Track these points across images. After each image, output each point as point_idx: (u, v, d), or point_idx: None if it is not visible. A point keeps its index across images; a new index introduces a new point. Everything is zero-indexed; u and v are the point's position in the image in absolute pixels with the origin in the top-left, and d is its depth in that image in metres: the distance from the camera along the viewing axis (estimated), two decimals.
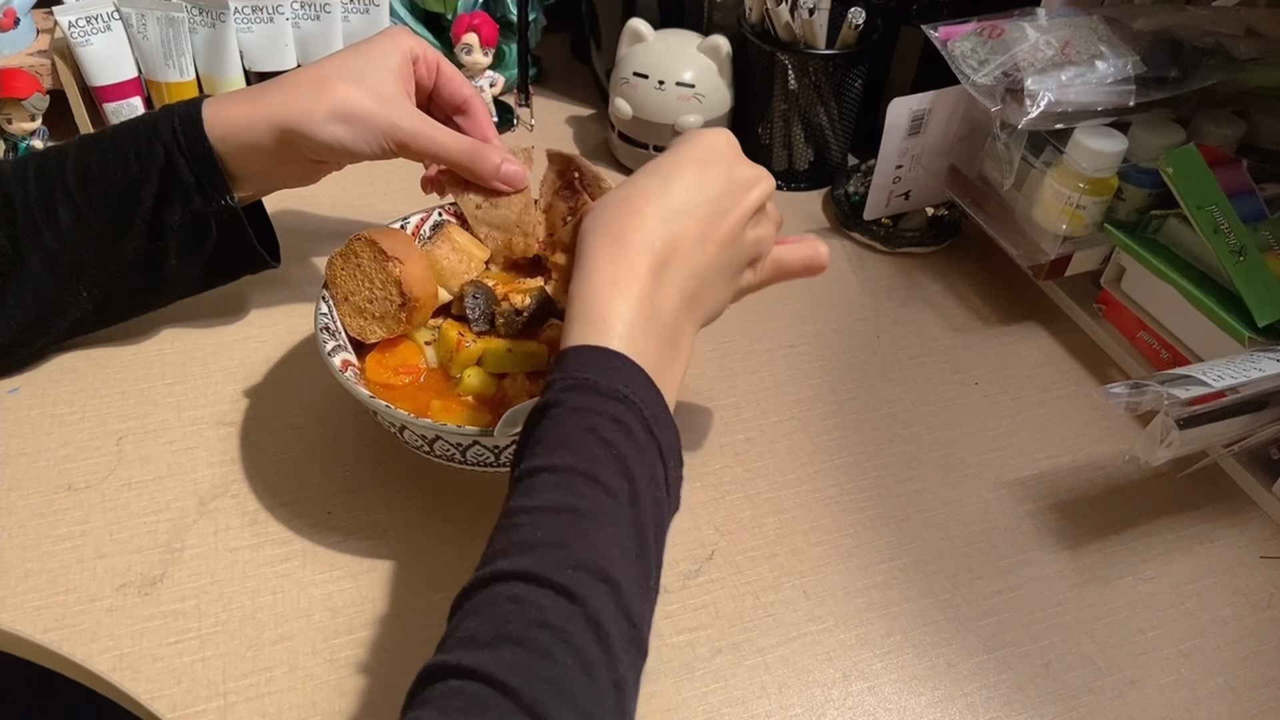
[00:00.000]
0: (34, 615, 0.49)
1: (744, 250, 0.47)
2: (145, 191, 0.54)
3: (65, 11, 0.75)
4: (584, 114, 0.91)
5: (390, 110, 0.54)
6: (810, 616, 0.51)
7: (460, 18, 0.80)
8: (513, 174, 0.57)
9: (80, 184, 0.54)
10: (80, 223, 0.54)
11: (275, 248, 0.63)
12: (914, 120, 0.72)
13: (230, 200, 0.55)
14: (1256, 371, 0.52)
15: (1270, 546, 0.56)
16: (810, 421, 0.62)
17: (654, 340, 0.42)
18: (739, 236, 0.46)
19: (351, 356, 0.54)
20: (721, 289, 0.47)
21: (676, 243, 0.43)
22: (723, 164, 0.46)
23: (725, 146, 0.47)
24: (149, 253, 0.56)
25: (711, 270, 0.45)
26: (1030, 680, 0.49)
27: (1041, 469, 0.60)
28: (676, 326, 0.44)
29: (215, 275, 0.61)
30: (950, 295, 0.73)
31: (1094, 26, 0.66)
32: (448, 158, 0.56)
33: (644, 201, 0.44)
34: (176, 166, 0.53)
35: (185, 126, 0.53)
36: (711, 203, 0.45)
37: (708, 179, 0.45)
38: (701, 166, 0.45)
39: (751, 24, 0.78)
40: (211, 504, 0.54)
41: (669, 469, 0.41)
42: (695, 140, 0.47)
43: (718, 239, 0.45)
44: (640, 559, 0.37)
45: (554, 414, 0.39)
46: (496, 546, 0.37)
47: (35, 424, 0.58)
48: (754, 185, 0.47)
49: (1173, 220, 0.64)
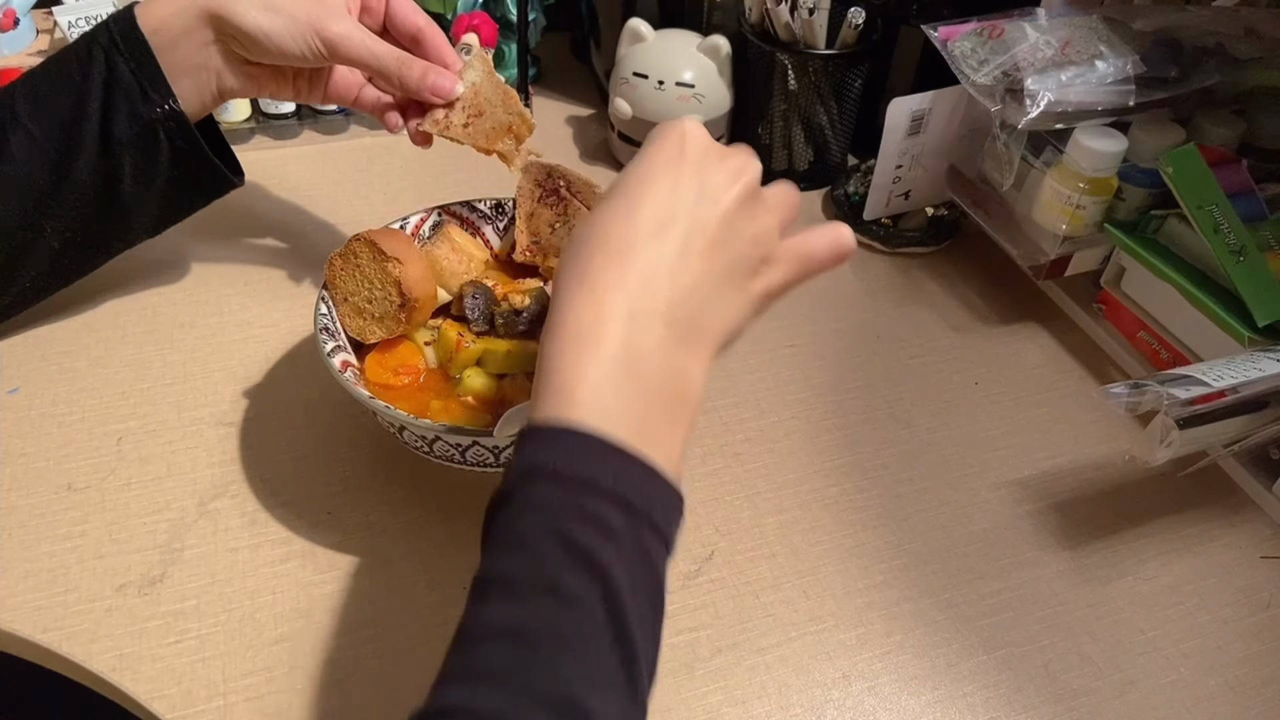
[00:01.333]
0: (34, 615, 0.49)
1: (742, 253, 0.41)
2: (91, 106, 0.54)
3: (65, 12, 0.75)
4: (584, 114, 0.91)
5: (321, 7, 0.54)
6: (810, 616, 0.51)
7: (460, 18, 0.80)
8: (438, 84, 0.55)
9: (29, 109, 0.54)
10: (33, 146, 0.54)
11: (235, 165, 0.62)
12: (914, 120, 0.72)
13: (174, 105, 0.55)
14: (1256, 371, 0.52)
15: (1270, 546, 0.56)
16: (810, 421, 0.62)
17: (634, 396, 0.36)
18: (728, 241, 0.40)
19: (351, 357, 0.54)
20: (727, 305, 0.40)
21: (652, 271, 0.38)
22: (692, 163, 0.40)
23: (693, 141, 0.41)
24: (104, 176, 0.55)
25: (705, 288, 0.39)
26: (1030, 680, 0.49)
27: (1041, 469, 0.60)
28: (670, 368, 0.38)
29: (176, 198, 0.60)
30: (950, 295, 0.73)
31: (1094, 26, 0.66)
32: (375, 65, 0.55)
33: (610, 230, 0.39)
34: (115, 67, 0.54)
35: (120, 25, 0.54)
36: (687, 214, 0.39)
37: (678, 186, 0.39)
38: (669, 173, 0.40)
39: (751, 24, 0.78)
40: (211, 504, 0.54)
41: (663, 532, 0.36)
42: (660, 140, 0.41)
43: (701, 250, 0.39)
44: (624, 665, 0.33)
45: (508, 512, 0.34)
46: (449, 668, 0.32)
47: (35, 424, 0.58)
48: (736, 178, 0.40)
49: (1173, 220, 0.63)
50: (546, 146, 0.84)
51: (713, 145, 0.41)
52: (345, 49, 0.54)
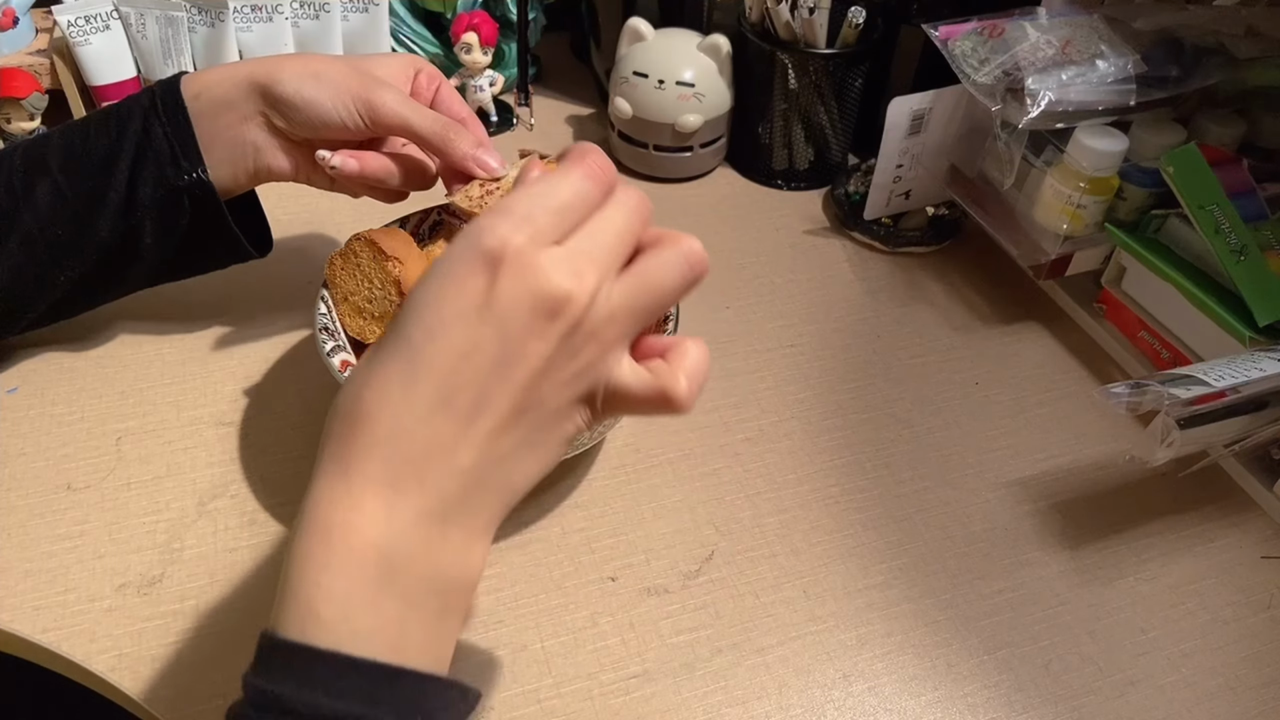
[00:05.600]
0: (33, 615, 0.49)
1: (555, 408, 0.33)
2: (121, 165, 0.53)
3: (64, 11, 0.74)
4: (584, 113, 0.91)
5: (366, 77, 0.53)
6: (810, 616, 0.51)
7: (460, 17, 0.80)
8: (486, 160, 0.53)
9: (62, 159, 0.54)
10: (57, 198, 0.54)
11: (267, 239, 0.62)
12: (914, 119, 0.72)
13: (202, 174, 0.54)
14: (1257, 371, 0.52)
15: (1271, 546, 0.56)
16: (810, 421, 0.62)
17: (392, 610, 0.31)
18: (537, 403, 0.33)
19: (351, 356, 0.54)
20: (525, 467, 0.34)
21: (425, 459, 0.32)
22: (498, 313, 0.31)
23: (508, 273, 0.31)
24: (123, 235, 0.55)
25: (494, 463, 0.33)
26: (1031, 680, 0.49)
27: (1042, 469, 0.60)
28: (438, 569, 0.32)
29: (194, 260, 0.59)
30: (951, 295, 0.73)
31: (1094, 26, 0.66)
32: (419, 130, 0.53)
33: (383, 398, 0.32)
34: (151, 129, 0.53)
35: (163, 89, 0.54)
36: (478, 384, 0.31)
37: (475, 346, 0.31)
38: (463, 328, 0.31)
39: (751, 23, 0.78)
40: (211, 504, 0.54)
41: None
42: (462, 272, 0.32)
43: (494, 427, 0.32)
44: None
45: None
46: None
47: (34, 424, 0.58)
48: (554, 314, 0.31)
49: (1173, 220, 0.63)
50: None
51: (533, 268, 0.31)
52: (388, 112, 0.53)
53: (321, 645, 0.30)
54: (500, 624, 0.50)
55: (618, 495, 0.56)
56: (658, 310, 0.34)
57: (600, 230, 0.34)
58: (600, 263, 0.33)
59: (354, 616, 0.31)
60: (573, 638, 0.49)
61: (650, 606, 0.51)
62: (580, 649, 0.49)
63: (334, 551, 0.31)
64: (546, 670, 0.48)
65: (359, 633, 0.31)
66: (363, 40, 0.83)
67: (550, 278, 0.31)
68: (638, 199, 0.35)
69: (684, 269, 0.34)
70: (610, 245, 0.33)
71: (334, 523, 0.32)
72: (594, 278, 0.32)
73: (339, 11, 0.80)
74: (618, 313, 0.33)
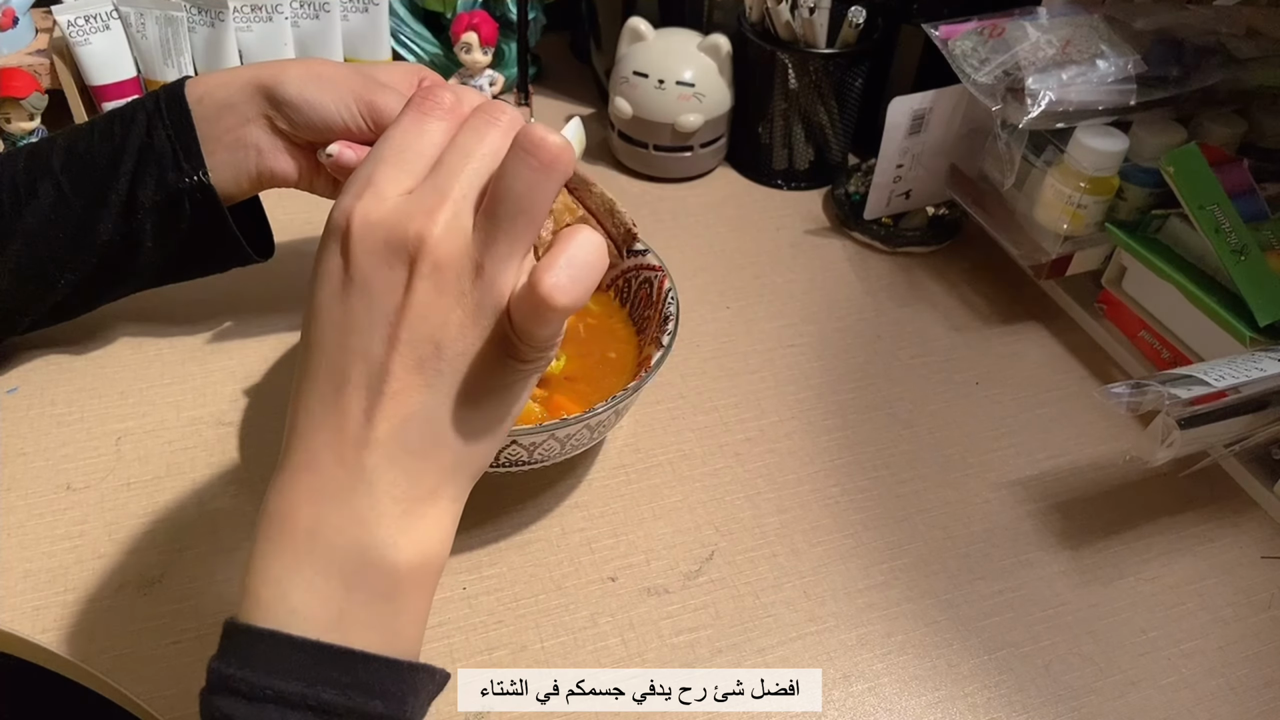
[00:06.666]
0: (33, 615, 0.48)
1: (456, 359, 0.32)
2: (123, 168, 0.53)
3: (64, 10, 0.74)
4: (584, 113, 0.91)
5: (369, 80, 0.53)
6: (810, 617, 0.51)
7: (459, 16, 0.80)
8: None
9: (64, 161, 0.54)
10: (60, 200, 0.54)
11: (269, 243, 0.62)
12: (914, 119, 0.72)
13: (204, 176, 0.54)
14: (1258, 371, 0.52)
15: (1271, 546, 0.56)
16: (810, 421, 0.62)
17: (325, 589, 0.32)
18: (426, 357, 0.32)
19: None
20: (457, 422, 0.33)
21: (337, 438, 0.33)
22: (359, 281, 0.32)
23: (358, 243, 0.32)
24: (125, 235, 0.55)
25: (408, 427, 0.32)
26: (1031, 680, 0.49)
27: (1042, 469, 0.60)
28: (365, 548, 0.32)
29: (195, 263, 0.59)
30: (951, 295, 0.73)
31: (1095, 26, 0.66)
32: None
33: (296, 398, 0.35)
34: (154, 132, 0.53)
35: (167, 92, 0.54)
36: (363, 356, 0.32)
37: (347, 324, 0.33)
38: (334, 309, 0.33)
39: (751, 23, 0.78)
40: (211, 504, 0.54)
41: (390, 715, 0.32)
42: (322, 259, 0.34)
43: (395, 392, 0.32)
44: None
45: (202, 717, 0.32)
46: None
47: (34, 424, 0.58)
48: (412, 264, 0.32)
49: (1174, 220, 0.63)
50: None
51: (377, 224, 0.32)
52: (390, 113, 0.52)
53: (262, 625, 0.32)
54: (500, 624, 0.50)
55: (618, 495, 0.56)
56: (522, 215, 0.32)
57: (450, 161, 0.33)
58: (448, 191, 0.32)
59: (289, 595, 0.32)
60: (573, 638, 0.49)
61: (650, 606, 0.51)
62: (580, 649, 0.49)
63: (270, 538, 0.33)
64: None
65: (295, 611, 0.32)
66: (363, 40, 0.83)
67: (395, 226, 0.32)
68: (488, 116, 0.34)
69: (523, 159, 0.31)
70: (459, 169, 0.33)
71: (271, 510, 0.34)
72: (446, 210, 0.32)
73: (339, 11, 0.80)
74: (481, 230, 0.32)
